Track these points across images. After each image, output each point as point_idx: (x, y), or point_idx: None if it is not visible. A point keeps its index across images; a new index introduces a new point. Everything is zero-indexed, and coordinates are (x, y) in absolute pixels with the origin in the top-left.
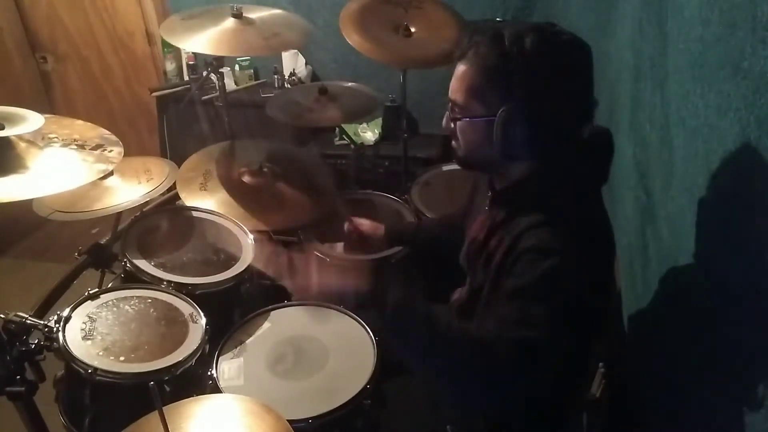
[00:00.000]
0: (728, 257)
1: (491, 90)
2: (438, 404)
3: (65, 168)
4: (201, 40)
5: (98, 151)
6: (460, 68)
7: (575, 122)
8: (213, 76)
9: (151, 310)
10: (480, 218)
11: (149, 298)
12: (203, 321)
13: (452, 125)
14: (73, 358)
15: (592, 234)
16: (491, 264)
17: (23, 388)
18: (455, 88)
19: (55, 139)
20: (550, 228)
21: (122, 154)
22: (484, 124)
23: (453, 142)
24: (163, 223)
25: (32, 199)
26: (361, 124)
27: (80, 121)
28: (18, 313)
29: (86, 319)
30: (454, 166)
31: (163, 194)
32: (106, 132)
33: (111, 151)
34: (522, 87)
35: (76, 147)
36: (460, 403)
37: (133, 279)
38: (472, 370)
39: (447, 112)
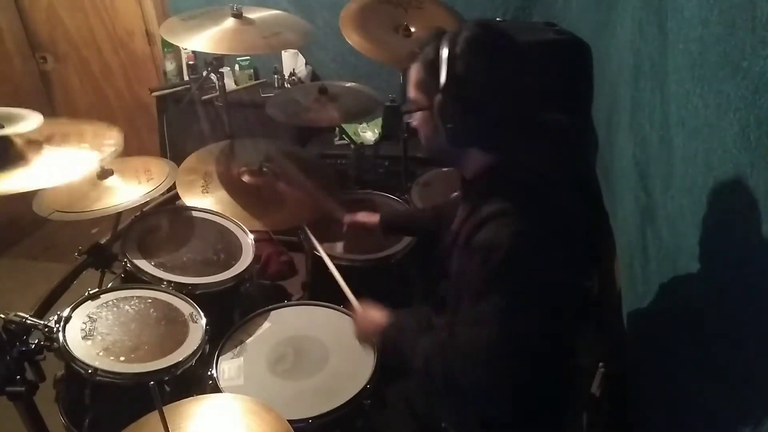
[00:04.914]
0: (728, 257)
1: (430, 81)
2: (434, 403)
3: (66, 161)
4: (201, 39)
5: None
6: (412, 67)
7: (519, 112)
8: (213, 76)
9: (151, 310)
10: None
11: (149, 298)
12: (203, 321)
13: (411, 121)
14: (73, 358)
15: (556, 224)
16: (455, 258)
17: (23, 388)
18: (410, 84)
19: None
20: (502, 219)
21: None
22: (430, 115)
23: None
24: (163, 223)
25: (32, 199)
26: (361, 124)
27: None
28: (18, 313)
29: (86, 319)
30: None
31: (163, 194)
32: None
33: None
34: (450, 76)
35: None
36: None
37: (133, 279)
38: (453, 377)
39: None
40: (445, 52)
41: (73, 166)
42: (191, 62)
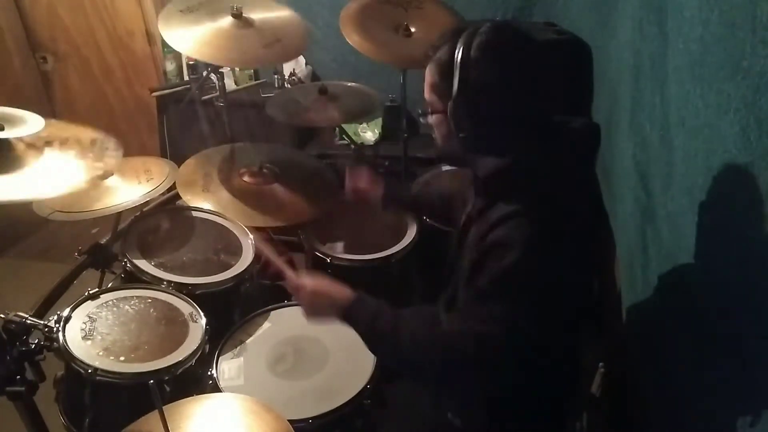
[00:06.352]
0: (728, 257)
1: (443, 86)
2: (440, 394)
3: (65, 168)
4: (201, 47)
5: (96, 148)
6: (427, 67)
7: (535, 116)
8: (213, 76)
9: (151, 310)
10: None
11: (149, 298)
12: (203, 321)
13: (427, 120)
14: (73, 358)
15: (570, 225)
16: (466, 255)
17: (23, 388)
18: (425, 85)
19: (54, 142)
20: (518, 219)
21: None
22: (444, 117)
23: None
24: (163, 223)
25: (32, 199)
26: (361, 124)
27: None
28: (18, 313)
29: (86, 319)
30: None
31: (163, 194)
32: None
33: (107, 148)
34: (463, 85)
35: (75, 148)
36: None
37: (133, 279)
38: (438, 365)
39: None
40: (458, 58)
41: (73, 174)
42: (191, 62)
